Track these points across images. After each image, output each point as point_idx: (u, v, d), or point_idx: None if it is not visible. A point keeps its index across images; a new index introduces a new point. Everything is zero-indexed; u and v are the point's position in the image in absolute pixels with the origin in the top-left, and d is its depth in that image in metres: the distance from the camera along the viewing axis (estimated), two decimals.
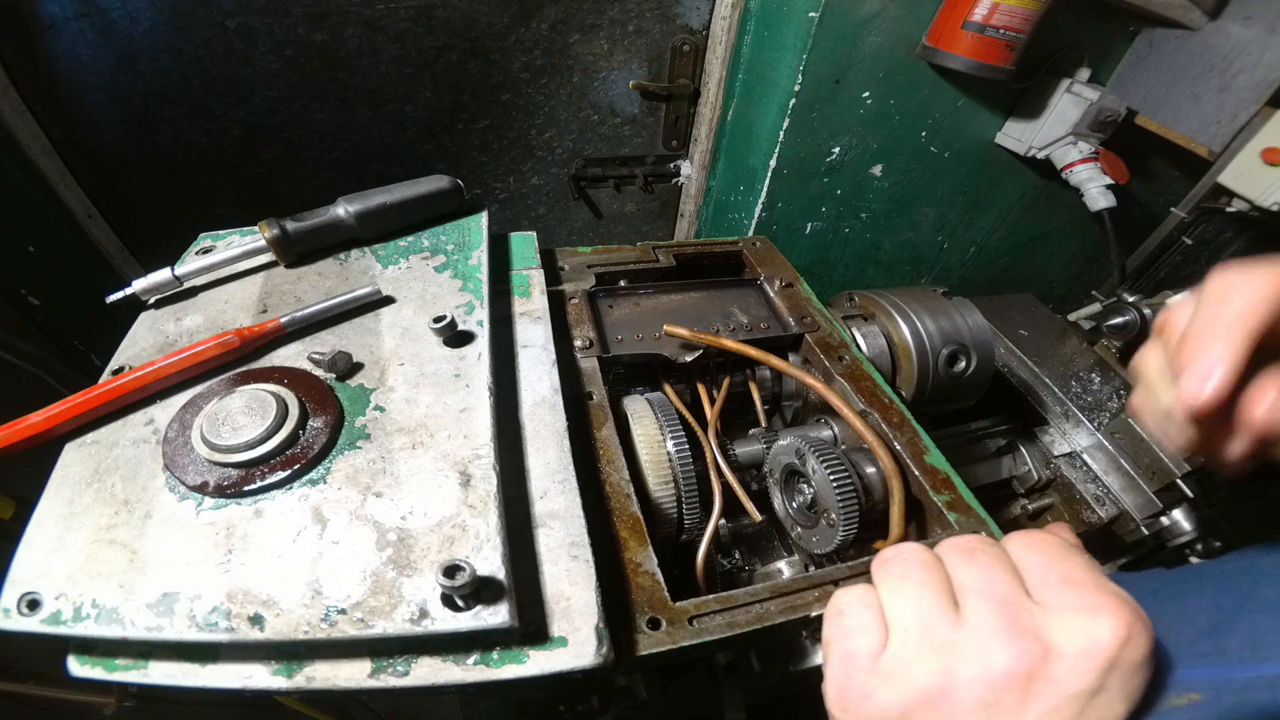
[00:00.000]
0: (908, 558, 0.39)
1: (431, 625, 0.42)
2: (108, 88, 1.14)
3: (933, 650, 0.35)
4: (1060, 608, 0.34)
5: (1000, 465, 1.15)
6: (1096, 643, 0.32)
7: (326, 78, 1.23)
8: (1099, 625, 0.32)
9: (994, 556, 0.37)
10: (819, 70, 1.19)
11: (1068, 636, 0.33)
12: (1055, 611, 0.34)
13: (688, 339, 0.79)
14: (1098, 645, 0.32)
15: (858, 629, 0.38)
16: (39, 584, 0.43)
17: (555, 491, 0.55)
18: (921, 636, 0.35)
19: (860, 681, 0.37)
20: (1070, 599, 0.34)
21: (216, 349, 0.57)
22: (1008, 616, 0.34)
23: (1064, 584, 0.35)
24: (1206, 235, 1.58)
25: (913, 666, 0.35)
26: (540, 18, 1.27)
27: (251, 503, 0.48)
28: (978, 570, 0.37)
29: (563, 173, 1.54)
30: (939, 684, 0.34)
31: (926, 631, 0.35)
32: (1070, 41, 1.30)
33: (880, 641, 0.37)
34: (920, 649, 0.35)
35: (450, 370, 0.59)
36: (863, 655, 0.37)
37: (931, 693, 0.34)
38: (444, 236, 0.76)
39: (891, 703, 0.35)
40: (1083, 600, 0.34)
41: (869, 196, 1.48)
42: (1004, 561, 0.37)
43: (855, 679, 0.37)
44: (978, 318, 0.93)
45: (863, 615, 0.39)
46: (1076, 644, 0.32)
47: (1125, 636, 0.32)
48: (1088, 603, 0.33)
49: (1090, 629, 0.32)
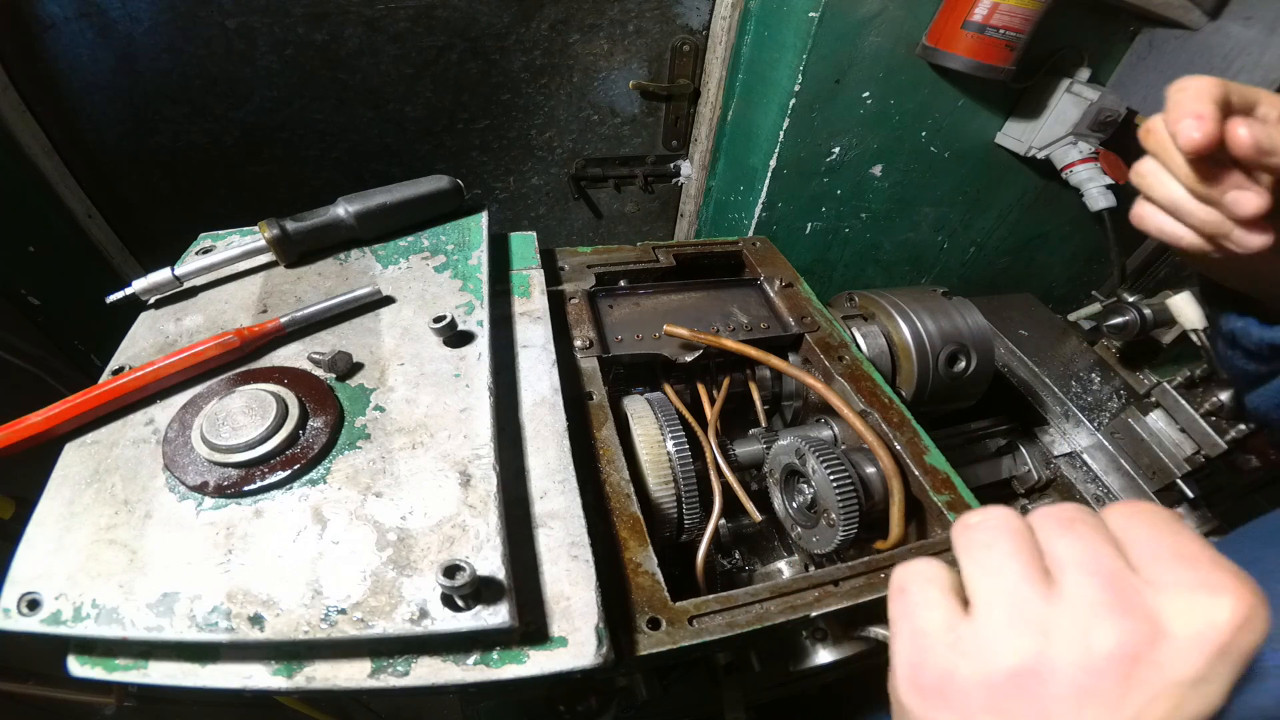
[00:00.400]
0: (996, 524, 0.35)
1: (431, 625, 0.42)
2: (108, 88, 1.14)
3: (1024, 626, 0.31)
4: (1173, 585, 0.30)
5: (1000, 465, 1.15)
6: (1213, 625, 0.29)
7: (326, 78, 1.23)
8: (1219, 606, 0.29)
9: (1095, 528, 0.34)
10: (819, 70, 1.19)
11: (1182, 617, 0.29)
12: (1167, 589, 0.30)
13: (688, 339, 0.79)
14: (1214, 628, 0.29)
15: (924, 604, 0.35)
16: (39, 584, 0.43)
17: (555, 491, 0.55)
18: (1010, 610, 0.32)
19: (937, 659, 0.33)
20: (1185, 576, 0.30)
21: (216, 349, 0.57)
22: (1113, 592, 0.30)
23: (1176, 559, 0.31)
24: None
25: (999, 644, 0.32)
26: (540, 18, 1.27)
27: (251, 503, 0.48)
28: (1078, 541, 0.33)
29: (563, 173, 1.54)
30: (1030, 665, 0.31)
31: (1016, 605, 0.32)
32: (1070, 41, 1.30)
33: (954, 615, 0.34)
34: (1009, 624, 0.32)
35: (450, 370, 0.59)
36: (936, 630, 0.34)
37: (1022, 674, 0.31)
38: (444, 236, 0.76)
39: (975, 683, 0.32)
40: (1200, 577, 0.30)
41: (869, 196, 1.48)
42: (1106, 533, 0.34)
43: (931, 656, 0.34)
44: (978, 318, 0.93)
45: (927, 590, 0.36)
46: (1191, 626, 0.29)
47: (1244, 620, 0.29)
48: (1206, 580, 0.30)
49: (1209, 610, 0.29)
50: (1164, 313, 1.12)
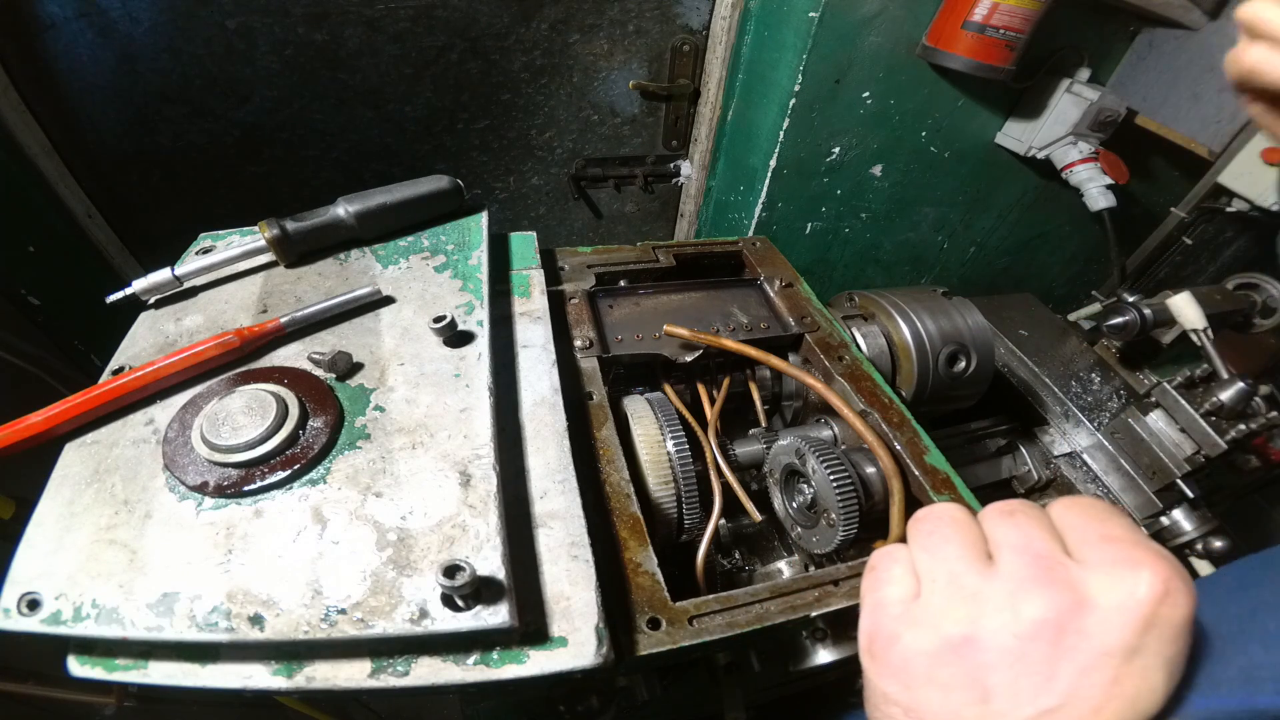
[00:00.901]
0: (939, 514, 0.39)
1: (431, 625, 0.42)
2: (108, 88, 1.14)
3: (961, 599, 0.35)
4: (1097, 563, 0.33)
5: (1000, 465, 1.15)
6: (1133, 596, 0.31)
7: (326, 78, 1.23)
8: (1136, 579, 0.31)
9: (1033, 517, 0.37)
10: (819, 70, 1.19)
11: (1105, 590, 0.32)
12: (1092, 567, 0.33)
13: (688, 339, 0.79)
14: (1134, 599, 0.31)
15: (887, 580, 0.39)
16: (39, 584, 0.43)
17: (555, 491, 0.55)
18: (949, 585, 0.36)
19: (888, 627, 0.37)
20: (1108, 554, 0.33)
21: (216, 349, 0.57)
22: (1042, 568, 0.33)
23: (1102, 540, 0.34)
24: (1206, 235, 1.58)
25: (941, 615, 0.35)
26: (540, 18, 1.27)
27: (251, 503, 0.48)
28: (1014, 528, 0.36)
29: (563, 173, 1.54)
30: (965, 632, 0.34)
31: (954, 580, 0.36)
32: (1070, 41, 1.30)
33: (910, 592, 0.38)
34: (948, 598, 0.35)
35: (450, 370, 0.59)
36: (892, 604, 0.38)
37: (957, 641, 0.34)
38: (444, 236, 0.76)
39: (918, 648, 0.35)
40: (1120, 554, 0.33)
41: (869, 196, 1.48)
42: (1043, 522, 0.37)
43: (883, 625, 0.38)
44: (978, 318, 0.93)
45: (892, 568, 0.39)
46: (1112, 597, 0.31)
47: (1163, 592, 0.31)
48: (1125, 556, 0.32)
49: (1127, 582, 0.31)
50: (1164, 313, 1.12)
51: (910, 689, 0.35)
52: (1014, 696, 0.31)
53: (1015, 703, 0.31)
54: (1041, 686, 0.31)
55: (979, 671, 0.33)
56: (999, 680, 0.32)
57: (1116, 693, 0.30)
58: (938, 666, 0.34)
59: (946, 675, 0.34)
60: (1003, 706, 0.32)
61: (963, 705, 0.33)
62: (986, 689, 0.32)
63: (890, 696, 0.36)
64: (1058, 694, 0.31)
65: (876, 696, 0.37)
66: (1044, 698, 0.31)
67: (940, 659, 0.34)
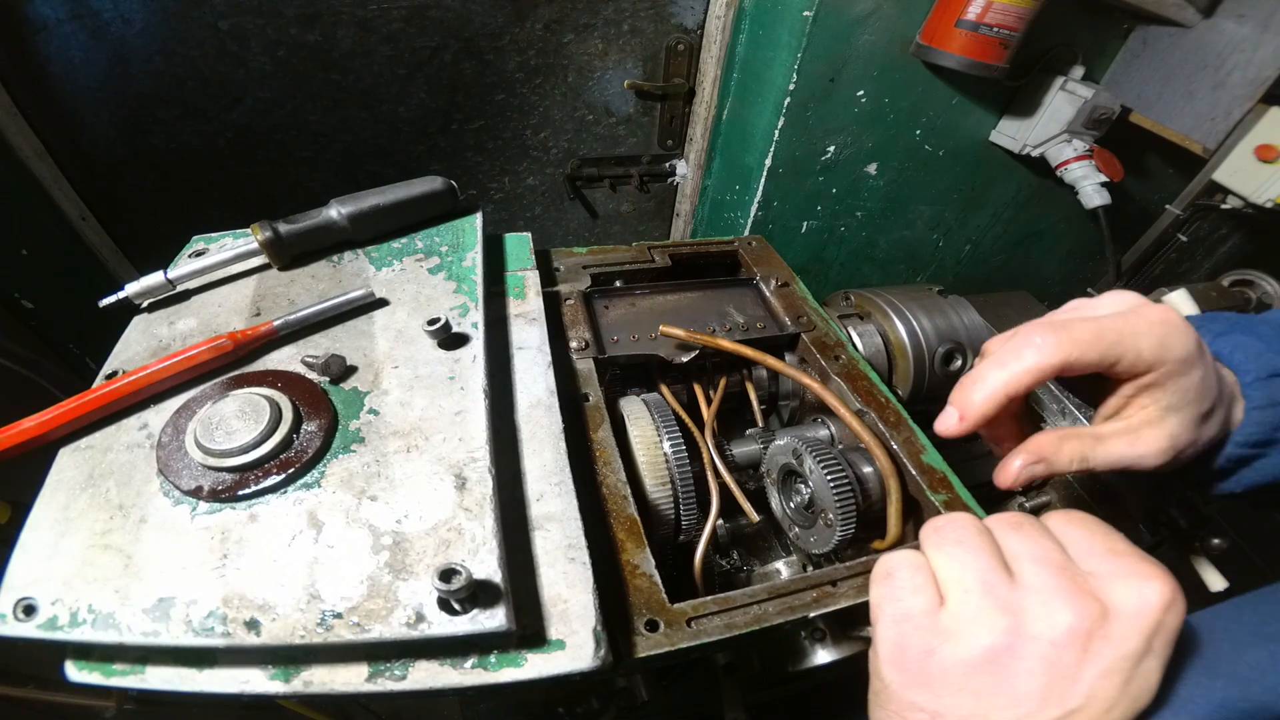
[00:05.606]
0: (964, 524, 0.40)
1: (428, 629, 0.42)
2: (100, 90, 1.14)
3: (996, 610, 0.35)
4: (1110, 574, 0.35)
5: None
6: (1148, 604, 0.34)
7: (320, 79, 1.22)
8: (1150, 588, 0.34)
9: (1040, 530, 0.39)
10: (814, 69, 1.19)
11: (1124, 598, 0.34)
12: (1105, 578, 0.35)
13: (684, 339, 0.79)
14: (1149, 607, 0.34)
15: (910, 589, 0.39)
16: (35, 589, 0.43)
17: (552, 494, 0.55)
18: (984, 596, 0.36)
19: (919, 640, 0.37)
20: (1119, 566, 0.36)
21: (210, 353, 0.57)
22: (1066, 579, 0.35)
23: (1109, 554, 0.37)
24: (1201, 232, 1.59)
25: (976, 625, 0.35)
26: (534, 17, 1.27)
27: (246, 507, 0.48)
28: (1028, 539, 0.38)
29: (558, 173, 1.53)
30: (1005, 642, 0.34)
31: (989, 591, 0.36)
32: (1064, 39, 1.30)
33: (933, 601, 0.38)
34: (983, 608, 0.36)
35: (445, 373, 0.59)
36: (919, 614, 0.38)
37: (997, 651, 0.34)
38: (438, 238, 0.76)
39: (955, 660, 0.35)
40: (1130, 567, 0.35)
41: (864, 195, 1.48)
42: (1050, 535, 0.39)
43: (913, 638, 0.37)
44: (973, 316, 0.94)
45: (914, 576, 0.39)
46: (1132, 605, 0.34)
47: (1170, 600, 0.34)
48: (1136, 569, 0.35)
49: (1143, 591, 0.34)
50: None
51: (939, 697, 0.36)
52: (1043, 700, 0.33)
53: (1044, 705, 0.33)
54: (1068, 690, 0.33)
55: (1012, 678, 0.34)
56: (1030, 685, 0.34)
57: (1127, 692, 0.33)
58: (973, 675, 0.35)
59: (980, 683, 0.35)
60: (1031, 708, 0.33)
61: (992, 710, 0.34)
62: (1017, 694, 0.34)
63: (917, 704, 0.36)
64: (1080, 696, 0.33)
65: (898, 704, 0.37)
66: (1069, 700, 0.33)
67: (978, 668, 0.35)
